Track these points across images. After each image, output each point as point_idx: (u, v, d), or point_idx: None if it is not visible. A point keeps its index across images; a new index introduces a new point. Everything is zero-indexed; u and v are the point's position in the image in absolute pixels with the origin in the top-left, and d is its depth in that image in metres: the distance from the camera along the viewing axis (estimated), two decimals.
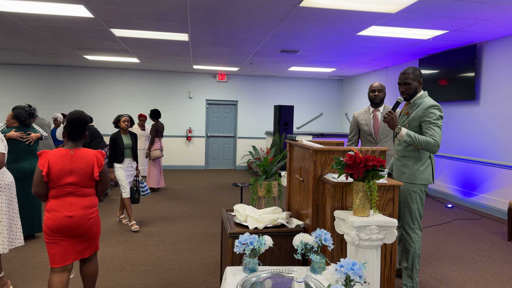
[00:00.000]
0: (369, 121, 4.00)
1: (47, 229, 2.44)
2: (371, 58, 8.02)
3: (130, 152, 5.04)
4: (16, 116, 4.25)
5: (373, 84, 4.00)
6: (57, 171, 2.44)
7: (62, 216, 2.43)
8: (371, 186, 2.09)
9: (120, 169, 4.97)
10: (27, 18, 5.39)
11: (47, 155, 2.45)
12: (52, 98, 10.36)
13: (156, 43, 6.86)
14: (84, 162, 2.52)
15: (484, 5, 4.37)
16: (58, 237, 2.46)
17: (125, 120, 4.97)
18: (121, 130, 4.99)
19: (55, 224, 2.42)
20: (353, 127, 4.11)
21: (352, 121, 4.13)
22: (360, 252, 2.04)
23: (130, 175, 5.08)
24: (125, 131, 5.02)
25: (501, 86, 6.02)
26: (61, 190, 2.46)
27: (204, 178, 9.45)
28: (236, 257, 2.53)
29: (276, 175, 3.12)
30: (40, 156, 2.45)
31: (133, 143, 5.06)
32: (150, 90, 10.79)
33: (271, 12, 4.83)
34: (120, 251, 4.17)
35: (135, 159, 5.15)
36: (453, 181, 7.04)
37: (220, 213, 5.95)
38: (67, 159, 2.49)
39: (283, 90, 11.55)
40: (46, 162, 2.43)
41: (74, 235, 2.49)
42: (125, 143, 4.97)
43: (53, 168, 2.43)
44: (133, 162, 5.12)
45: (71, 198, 2.49)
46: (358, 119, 4.06)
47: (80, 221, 2.48)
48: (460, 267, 3.89)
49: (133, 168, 5.13)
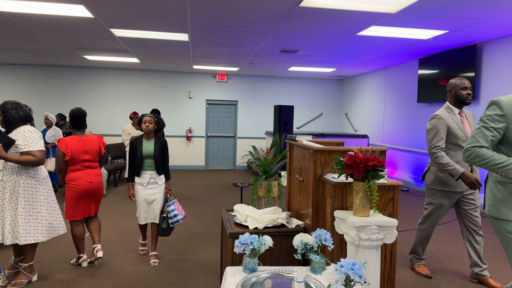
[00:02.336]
0: (460, 125, 3.37)
1: (74, 193, 3.50)
2: (371, 58, 8.02)
3: (152, 163, 3.83)
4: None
5: (464, 80, 3.39)
6: (76, 152, 3.52)
7: (85, 182, 3.54)
8: (371, 186, 2.09)
9: (139, 185, 3.81)
10: (27, 18, 5.39)
11: (65, 141, 3.48)
12: (52, 98, 10.36)
13: (156, 43, 6.86)
14: (93, 144, 3.66)
15: (484, 5, 4.37)
16: (81, 198, 3.56)
17: (145, 121, 3.80)
18: (144, 134, 3.89)
19: (81, 188, 3.52)
20: (443, 132, 3.32)
21: (439, 124, 3.32)
22: (360, 252, 2.04)
23: (152, 194, 3.82)
24: (148, 135, 3.85)
25: (501, 86, 6.02)
26: (80, 165, 3.55)
27: (204, 178, 9.45)
28: (236, 257, 2.53)
29: (276, 175, 3.12)
30: (59, 142, 3.46)
31: (158, 151, 3.83)
32: (150, 90, 10.79)
33: (271, 12, 4.83)
34: (120, 251, 4.17)
35: (162, 173, 3.88)
36: None
37: (220, 213, 5.95)
38: (82, 142, 3.58)
39: (283, 90, 11.55)
40: (67, 146, 3.47)
41: (91, 195, 3.62)
42: (145, 150, 3.79)
43: (73, 150, 3.50)
44: (159, 177, 3.86)
45: (89, 170, 3.61)
46: (448, 123, 3.35)
47: (96, 185, 3.63)
48: (460, 267, 3.89)
49: (158, 185, 3.84)
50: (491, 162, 2.11)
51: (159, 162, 3.84)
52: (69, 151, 3.47)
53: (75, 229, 3.60)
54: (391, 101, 9.12)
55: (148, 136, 3.86)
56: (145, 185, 3.80)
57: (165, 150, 3.91)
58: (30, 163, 3.08)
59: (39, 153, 3.14)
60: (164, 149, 3.89)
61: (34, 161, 3.10)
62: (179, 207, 3.94)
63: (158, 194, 3.84)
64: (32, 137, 3.15)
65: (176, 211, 3.85)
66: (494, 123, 2.14)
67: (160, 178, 3.87)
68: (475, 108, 6.52)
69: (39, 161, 3.12)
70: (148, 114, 3.82)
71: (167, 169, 3.94)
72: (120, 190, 7.57)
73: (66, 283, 3.33)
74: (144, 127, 3.79)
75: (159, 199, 3.85)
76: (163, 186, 3.89)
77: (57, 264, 3.75)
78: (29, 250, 3.23)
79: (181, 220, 3.85)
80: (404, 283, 3.48)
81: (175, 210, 3.85)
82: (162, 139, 3.89)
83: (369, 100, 10.15)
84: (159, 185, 3.86)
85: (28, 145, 3.12)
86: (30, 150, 3.11)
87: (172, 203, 3.88)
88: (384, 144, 9.40)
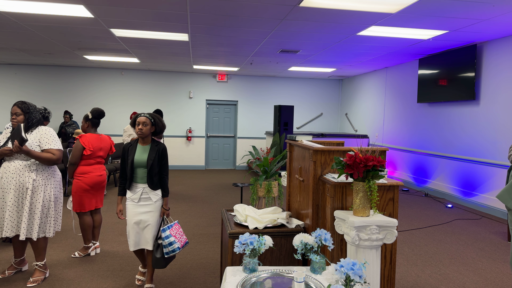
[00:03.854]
0: None
1: (84, 185, 3.81)
2: (371, 58, 8.02)
3: (144, 174, 3.07)
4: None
5: None
6: (94, 148, 3.84)
7: (95, 175, 3.88)
8: (371, 186, 2.09)
9: (129, 201, 3.12)
10: (27, 18, 5.39)
11: (86, 138, 3.79)
12: (52, 98, 10.36)
13: (156, 43, 6.86)
14: (107, 142, 3.99)
15: (484, 5, 4.37)
16: (90, 190, 3.85)
17: (139, 122, 3.06)
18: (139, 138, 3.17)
19: (92, 180, 3.84)
20: None
21: None
22: (360, 252, 2.04)
23: (144, 213, 3.08)
24: (143, 140, 3.12)
25: (501, 86, 6.01)
26: (93, 160, 3.87)
27: (204, 178, 9.45)
28: (236, 257, 2.53)
29: (276, 175, 3.12)
30: (81, 138, 3.77)
31: (153, 160, 3.06)
32: (150, 90, 10.79)
33: (271, 12, 4.83)
34: (120, 251, 4.17)
35: (158, 187, 3.11)
36: (453, 181, 7.04)
37: (220, 213, 5.95)
38: (99, 140, 3.91)
39: (283, 90, 11.55)
40: (89, 142, 3.79)
41: (98, 188, 3.92)
42: (137, 158, 3.07)
43: (92, 146, 3.82)
44: (153, 192, 3.09)
45: (99, 165, 3.94)
46: None
47: (103, 178, 3.97)
48: (460, 267, 3.89)
49: (152, 203, 3.09)
50: None
51: (153, 173, 3.06)
52: (90, 146, 3.79)
53: (86, 219, 3.94)
54: (391, 101, 9.12)
55: (144, 141, 3.12)
56: (136, 202, 3.07)
57: (163, 158, 3.11)
58: (49, 160, 3.21)
59: (58, 152, 3.27)
60: (161, 157, 3.10)
61: (54, 159, 3.22)
62: (179, 232, 3.14)
63: (151, 214, 3.08)
64: (52, 136, 3.30)
65: (172, 238, 3.03)
66: None
67: (155, 194, 3.09)
68: (475, 108, 6.53)
69: (58, 159, 3.25)
70: (143, 114, 3.10)
71: (165, 183, 3.13)
72: None
73: (66, 283, 3.33)
74: (137, 130, 3.05)
75: (152, 221, 3.08)
76: (158, 204, 3.11)
77: (56, 264, 3.75)
78: (42, 247, 3.35)
79: (178, 249, 3.05)
80: (404, 283, 3.48)
81: (171, 237, 3.02)
82: (161, 145, 3.12)
83: (369, 100, 10.15)
84: (153, 202, 3.09)
85: (49, 143, 3.25)
86: (50, 148, 3.24)
87: (168, 226, 3.06)
88: (384, 144, 9.40)
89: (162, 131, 3.22)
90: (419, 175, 8.09)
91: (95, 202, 3.98)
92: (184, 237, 3.19)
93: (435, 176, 7.55)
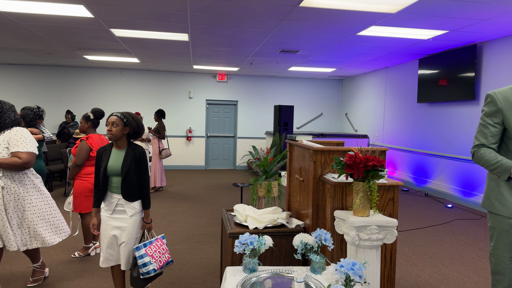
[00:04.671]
0: None
1: (91, 185, 3.80)
2: (371, 58, 8.02)
3: (118, 182, 2.66)
4: (22, 116, 4.30)
5: None
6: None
7: None
8: (371, 186, 2.09)
9: (103, 211, 2.73)
10: (27, 18, 5.39)
11: (92, 139, 3.78)
12: (52, 98, 10.36)
13: (156, 43, 6.86)
14: (106, 142, 3.91)
15: (484, 5, 4.37)
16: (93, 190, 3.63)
17: (108, 122, 2.67)
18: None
19: None
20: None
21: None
22: (360, 252, 2.04)
23: (117, 228, 2.67)
24: (117, 144, 2.70)
25: (501, 86, 6.01)
26: None
27: (204, 178, 9.45)
28: (236, 257, 2.53)
29: (276, 175, 3.12)
30: (89, 140, 3.75)
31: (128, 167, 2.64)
32: (150, 90, 10.79)
33: (271, 12, 4.83)
34: None
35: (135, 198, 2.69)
36: (453, 181, 7.04)
37: (220, 213, 5.95)
38: (101, 140, 3.87)
39: (283, 90, 11.55)
40: (95, 143, 3.78)
41: None
42: (111, 164, 2.66)
43: (98, 146, 3.78)
44: (129, 204, 2.66)
45: None
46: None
47: None
48: (460, 267, 3.89)
49: (128, 217, 2.68)
50: (486, 163, 2.12)
51: (129, 182, 2.63)
52: (97, 147, 3.82)
53: (89, 220, 3.94)
54: (391, 101, 9.12)
55: (118, 144, 2.70)
56: (110, 214, 2.68)
57: (141, 164, 2.69)
58: (14, 166, 2.79)
59: (26, 155, 2.84)
60: (139, 163, 2.68)
61: (19, 163, 2.80)
62: (160, 250, 2.70)
63: (125, 232, 2.66)
64: (23, 137, 2.88)
65: (147, 258, 2.58)
66: (490, 119, 2.13)
67: (131, 207, 2.66)
68: (474, 108, 6.53)
69: (25, 164, 2.82)
70: (114, 113, 2.68)
71: (146, 193, 2.72)
72: None
73: (66, 283, 3.33)
74: (107, 132, 2.66)
75: (126, 239, 2.65)
76: (135, 219, 2.68)
77: (56, 264, 3.75)
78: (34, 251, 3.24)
79: (154, 271, 2.59)
80: (404, 283, 3.48)
81: (146, 257, 2.58)
82: (138, 149, 2.71)
83: (369, 100, 10.15)
84: (128, 216, 2.66)
85: (18, 145, 2.83)
86: (17, 151, 2.83)
87: (144, 244, 2.63)
88: (384, 144, 9.40)
89: (138, 134, 2.75)
90: (419, 175, 8.09)
91: None
92: (167, 255, 2.73)
93: (435, 176, 7.55)
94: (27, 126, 4.33)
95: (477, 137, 2.18)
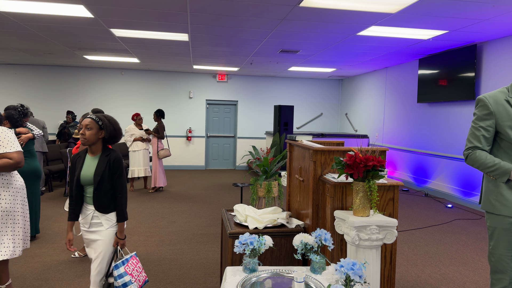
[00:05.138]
0: None
1: None
2: (371, 58, 8.02)
3: (91, 192, 2.44)
4: (7, 117, 4.16)
5: None
6: None
7: None
8: (371, 186, 2.09)
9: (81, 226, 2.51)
10: (27, 18, 5.39)
11: None
12: (52, 98, 10.36)
13: (156, 43, 6.86)
14: None
15: (484, 5, 4.37)
16: None
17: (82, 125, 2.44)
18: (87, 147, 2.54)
19: None
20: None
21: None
22: (360, 252, 2.04)
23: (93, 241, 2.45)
24: (91, 149, 2.48)
25: (500, 86, 6.01)
26: None
27: (204, 178, 9.45)
28: (236, 257, 2.53)
29: (276, 175, 3.12)
30: None
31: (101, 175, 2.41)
32: (150, 90, 10.79)
33: (271, 12, 4.83)
34: None
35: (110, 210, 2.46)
36: (453, 181, 7.04)
37: (220, 213, 5.95)
38: None
39: (283, 90, 11.55)
40: None
41: None
42: (84, 172, 2.43)
43: None
44: (104, 216, 2.44)
45: None
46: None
47: None
48: (460, 267, 3.89)
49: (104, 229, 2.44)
50: (482, 165, 2.16)
51: (102, 192, 2.41)
52: None
53: None
54: (391, 101, 9.12)
55: (92, 150, 2.47)
56: (87, 228, 2.45)
57: (115, 172, 2.44)
58: (6, 167, 2.66)
59: (17, 155, 2.71)
60: (113, 171, 2.43)
61: (12, 164, 2.68)
62: (137, 268, 2.48)
63: (98, 244, 2.42)
64: (7, 137, 2.72)
65: (127, 277, 2.37)
66: (482, 122, 2.18)
67: (107, 219, 2.44)
68: (474, 108, 6.52)
69: (17, 163, 2.71)
70: (89, 115, 2.47)
71: (121, 204, 2.45)
72: None
73: (66, 283, 3.33)
74: (80, 136, 2.42)
75: (99, 253, 2.41)
76: (110, 231, 2.44)
77: (56, 265, 3.75)
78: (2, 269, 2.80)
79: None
80: (404, 283, 3.48)
81: (126, 275, 2.36)
82: (113, 154, 2.46)
83: (369, 100, 10.15)
84: (104, 229, 2.43)
85: (4, 146, 2.70)
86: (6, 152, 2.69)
87: (122, 262, 2.40)
88: (384, 144, 9.40)
89: (115, 138, 2.51)
90: (419, 175, 8.09)
91: None
92: (144, 274, 2.53)
93: (435, 176, 7.55)
94: (14, 127, 4.23)
95: (470, 139, 2.23)
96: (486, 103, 2.17)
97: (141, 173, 7.40)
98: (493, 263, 2.17)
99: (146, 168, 7.54)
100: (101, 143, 2.49)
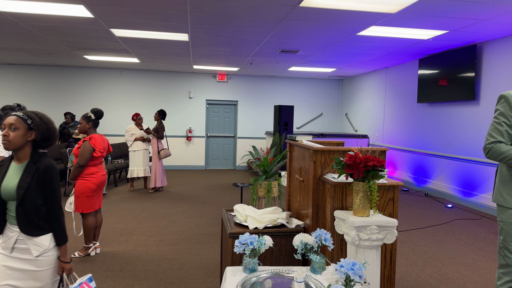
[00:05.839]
0: None
1: (93, 185, 3.87)
2: (371, 58, 8.02)
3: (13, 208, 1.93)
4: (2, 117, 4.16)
5: None
6: (102, 148, 3.95)
7: (101, 175, 3.99)
8: (371, 186, 2.09)
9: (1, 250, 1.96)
10: (27, 18, 5.39)
11: (95, 139, 3.86)
12: (52, 98, 10.36)
13: (156, 43, 6.86)
14: (106, 142, 4.10)
15: (484, 5, 4.37)
16: (96, 190, 3.93)
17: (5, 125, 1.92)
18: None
19: (99, 180, 3.93)
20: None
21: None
22: (360, 252, 2.04)
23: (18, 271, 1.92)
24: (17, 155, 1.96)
25: (501, 86, 6.01)
26: (98, 161, 3.96)
27: (204, 178, 9.45)
28: (236, 257, 2.53)
29: (276, 175, 3.12)
30: (92, 140, 3.83)
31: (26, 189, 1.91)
32: (150, 90, 10.79)
33: (271, 12, 4.83)
34: (120, 251, 4.17)
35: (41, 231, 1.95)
36: (453, 181, 7.04)
37: (220, 213, 5.95)
38: (103, 140, 4.02)
39: (283, 90, 11.55)
40: (98, 143, 3.88)
41: (102, 187, 4.02)
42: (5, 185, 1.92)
43: (101, 147, 3.92)
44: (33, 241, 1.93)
45: (102, 165, 4.07)
46: None
47: (106, 177, 4.08)
48: (460, 267, 3.89)
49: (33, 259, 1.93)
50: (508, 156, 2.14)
51: (28, 209, 1.92)
52: (100, 148, 3.91)
53: (90, 220, 3.97)
54: (391, 101, 9.12)
55: (18, 156, 1.96)
56: (9, 253, 1.94)
57: (47, 183, 1.96)
58: None
59: None
60: (43, 182, 1.95)
61: None
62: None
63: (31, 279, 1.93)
64: None
65: None
66: (505, 118, 2.20)
67: (36, 244, 1.93)
68: (474, 108, 6.52)
69: None
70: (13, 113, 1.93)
71: (58, 224, 1.98)
72: (120, 190, 7.57)
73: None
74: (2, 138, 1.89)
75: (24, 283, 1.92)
76: (46, 259, 1.95)
77: None
78: None
79: None
80: (404, 283, 3.48)
81: None
82: (43, 162, 1.97)
83: (369, 100, 10.15)
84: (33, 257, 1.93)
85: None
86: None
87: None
88: (384, 144, 9.40)
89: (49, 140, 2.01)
90: (419, 175, 8.09)
91: (99, 202, 4.06)
92: None
93: (435, 176, 7.55)
94: None
95: (492, 134, 2.23)
96: (509, 100, 2.19)
97: (141, 173, 7.40)
98: (503, 257, 2.19)
99: (146, 168, 7.53)
100: (30, 148, 1.97)
